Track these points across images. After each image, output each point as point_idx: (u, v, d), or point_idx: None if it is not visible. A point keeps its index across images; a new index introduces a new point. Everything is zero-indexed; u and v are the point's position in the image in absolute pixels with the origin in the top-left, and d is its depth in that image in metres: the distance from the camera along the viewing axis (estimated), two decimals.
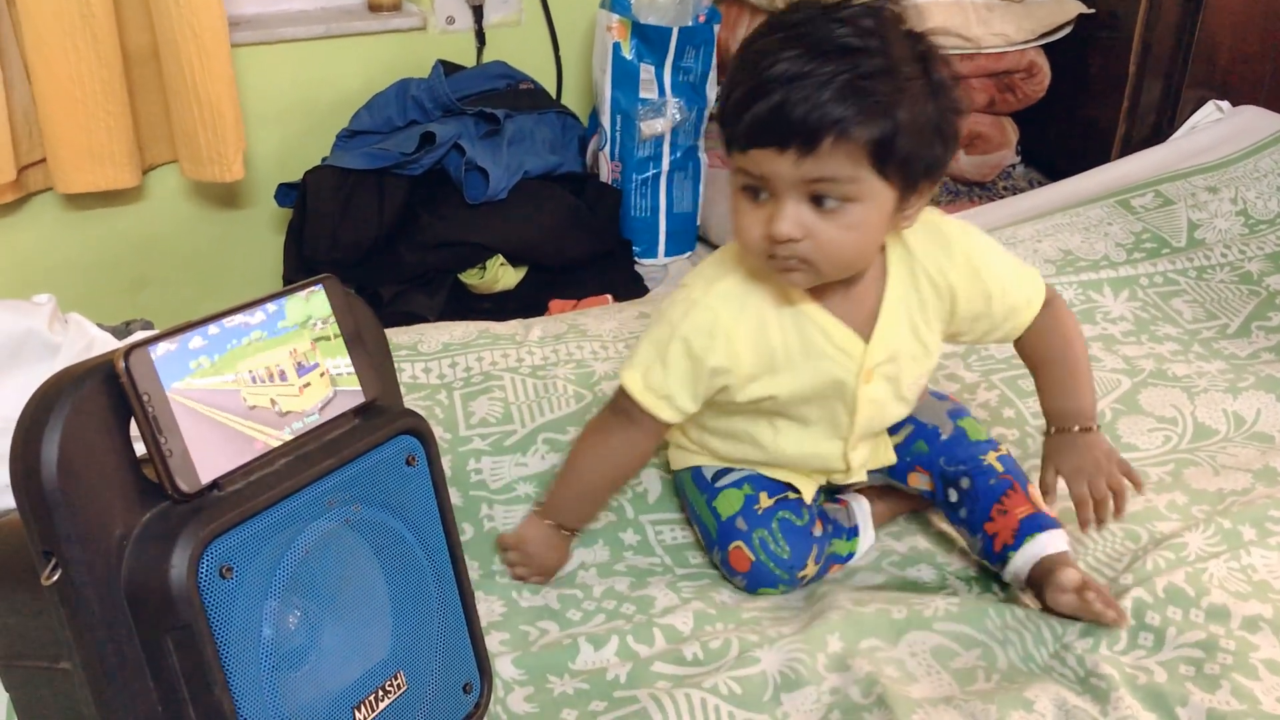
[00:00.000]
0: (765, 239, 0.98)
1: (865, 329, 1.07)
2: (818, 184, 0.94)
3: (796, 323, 1.06)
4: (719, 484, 1.18)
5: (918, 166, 0.96)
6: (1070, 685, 1.00)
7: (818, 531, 1.16)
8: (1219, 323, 1.66)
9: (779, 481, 1.18)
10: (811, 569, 1.15)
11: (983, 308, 1.10)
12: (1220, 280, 1.74)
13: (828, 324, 1.06)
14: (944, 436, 1.18)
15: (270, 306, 0.78)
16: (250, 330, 0.77)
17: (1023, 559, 1.10)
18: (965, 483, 1.14)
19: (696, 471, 1.21)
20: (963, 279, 1.08)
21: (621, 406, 1.12)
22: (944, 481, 1.16)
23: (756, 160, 0.95)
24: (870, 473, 1.21)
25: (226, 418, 0.74)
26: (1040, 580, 1.08)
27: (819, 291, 1.06)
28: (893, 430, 1.20)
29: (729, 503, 1.16)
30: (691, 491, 1.22)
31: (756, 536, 1.14)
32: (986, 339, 1.15)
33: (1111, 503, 1.11)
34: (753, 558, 1.14)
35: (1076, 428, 1.13)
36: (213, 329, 0.74)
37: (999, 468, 1.15)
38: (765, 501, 1.16)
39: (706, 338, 1.05)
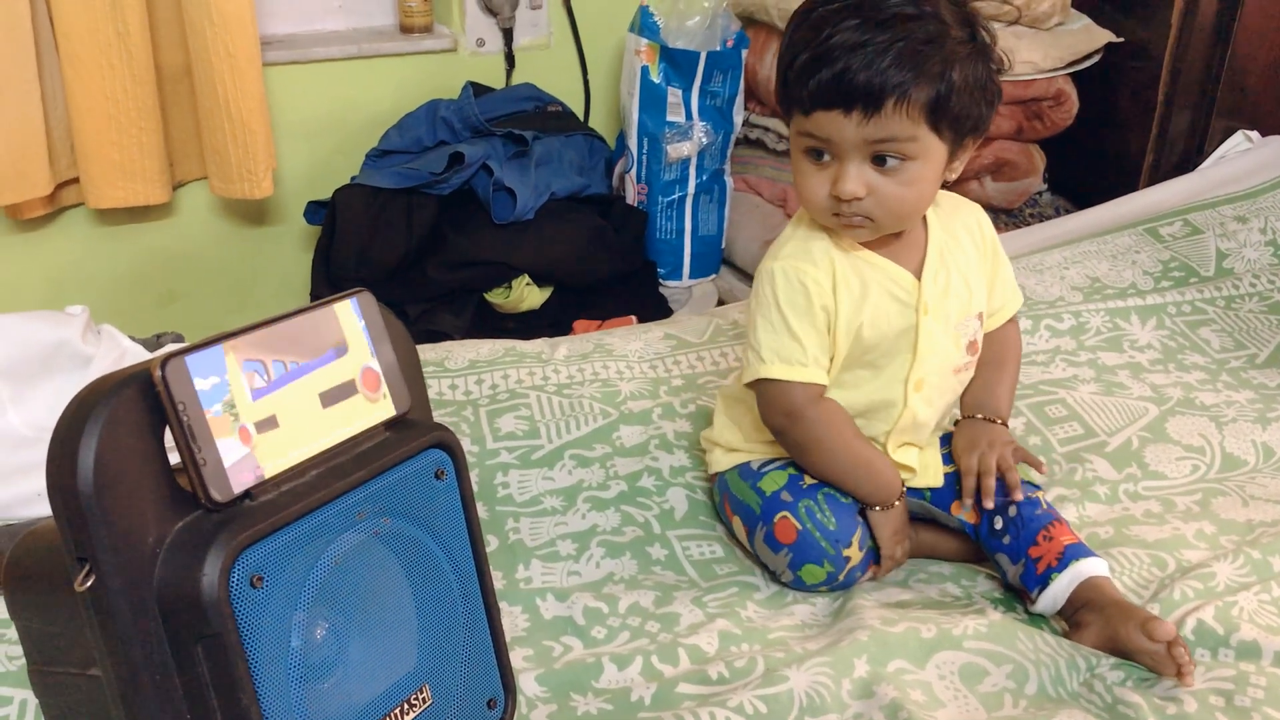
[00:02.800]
0: (830, 198, 1.08)
1: (916, 269, 1.16)
2: (880, 144, 1.04)
3: (856, 268, 1.14)
4: (764, 470, 1.21)
5: (966, 123, 1.07)
6: (1098, 713, 0.99)
7: (860, 519, 1.17)
8: (1247, 352, 1.65)
9: None
10: (856, 554, 1.15)
11: (992, 266, 1.22)
12: (1249, 310, 1.73)
13: (884, 265, 1.15)
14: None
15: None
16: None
17: (1068, 579, 1.10)
18: (1012, 511, 1.15)
19: (743, 466, 1.23)
20: (990, 248, 1.22)
21: (782, 408, 1.15)
22: (989, 511, 1.17)
23: (821, 123, 1.05)
24: (913, 495, 1.22)
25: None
26: (1080, 606, 1.09)
27: (873, 243, 1.14)
28: (947, 460, 1.23)
29: (774, 481, 1.19)
30: (735, 484, 1.23)
31: (803, 506, 1.15)
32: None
33: (994, 481, 1.14)
34: (799, 526, 1.15)
35: (981, 416, 1.21)
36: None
37: (1044, 505, 1.17)
38: (809, 480, 1.18)
39: (800, 289, 1.12)
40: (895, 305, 1.14)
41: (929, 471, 1.22)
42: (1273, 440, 1.43)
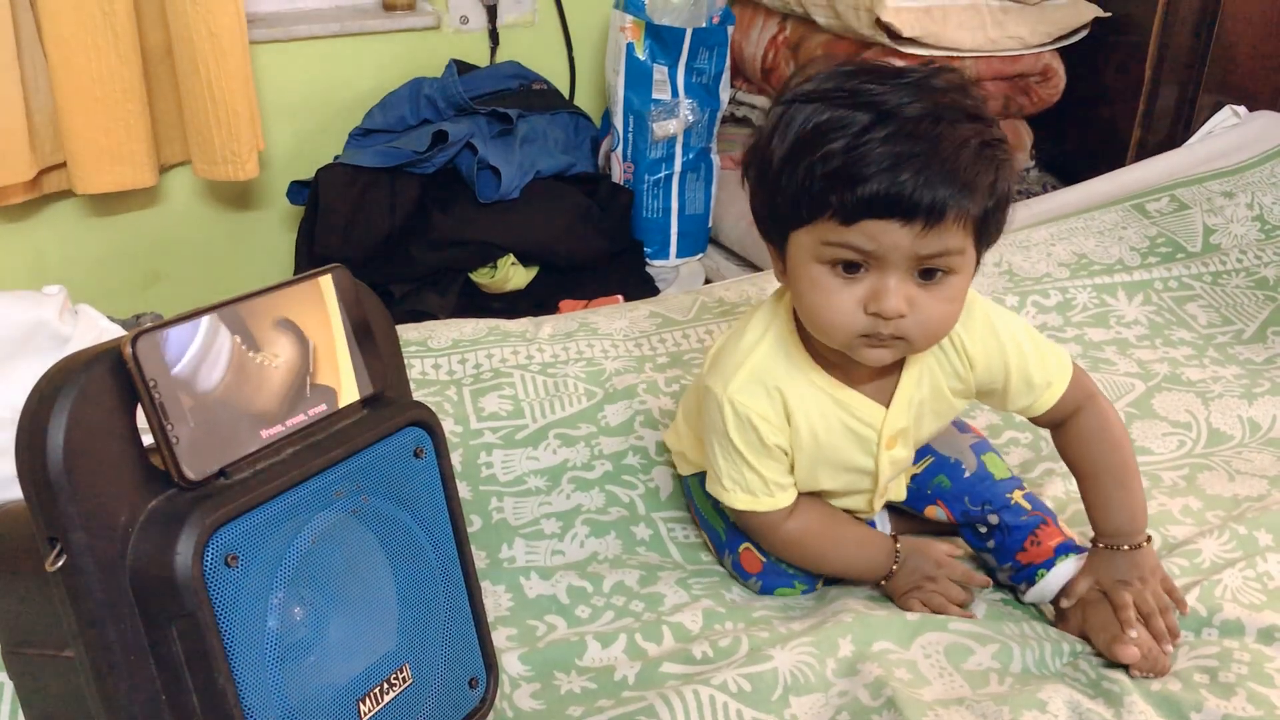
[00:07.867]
0: (867, 317, 0.94)
1: (885, 397, 1.06)
2: (933, 258, 0.92)
3: (820, 405, 1.04)
4: None
5: (997, 234, 0.97)
6: (1083, 689, 0.98)
7: None
8: (1234, 328, 1.64)
9: None
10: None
11: (999, 378, 1.07)
12: (1236, 285, 1.73)
13: (851, 400, 1.05)
14: (967, 473, 1.14)
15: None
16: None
17: (1057, 575, 1.07)
18: (994, 519, 1.11)
19: (704, 476, 1.16)
20: (980, 345, 1.06)
21: (752, 527, 1.11)
22: (968, 519, 1.13)
23: (871, 233, 0.90)
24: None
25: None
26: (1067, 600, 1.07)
27: (843, 369, 1.04)
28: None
29: None
30: (699, 497, 1.20)
31: None
32: (1006, 408, 1.12)
33: (1161, 621, 1.02)
34: (763, 559, 1.13)
35: (1127, 546, 1.06)
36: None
37: (1026, 506, 1.11)
38: None
39: (751, 430, 1.03)
40: (855, 441, 1.06)
41: (890, 491, 1.17)
42: (1259, 415, 1.43)
